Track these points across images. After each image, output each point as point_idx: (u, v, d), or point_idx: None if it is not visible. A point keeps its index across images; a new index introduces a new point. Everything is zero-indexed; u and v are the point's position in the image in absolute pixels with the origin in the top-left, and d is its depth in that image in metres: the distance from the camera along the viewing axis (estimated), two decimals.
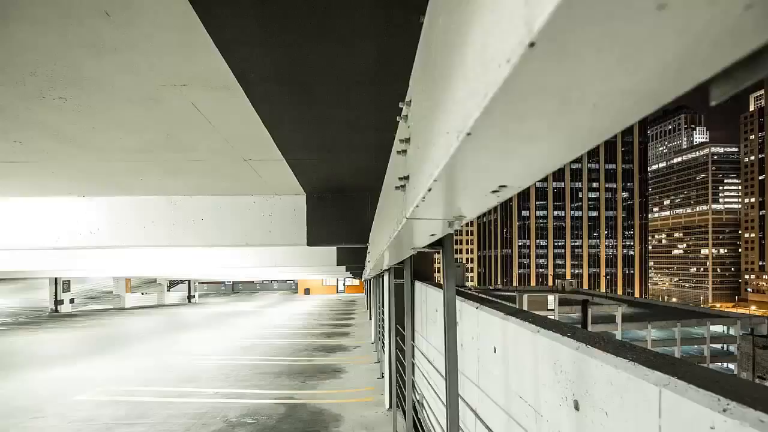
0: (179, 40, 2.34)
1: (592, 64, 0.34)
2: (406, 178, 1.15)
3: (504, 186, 0.74)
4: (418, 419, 5.38)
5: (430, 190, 0.80)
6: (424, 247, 1.85)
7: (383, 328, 8.56)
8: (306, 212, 6.12)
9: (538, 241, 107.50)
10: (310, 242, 6.05)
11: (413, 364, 5.03)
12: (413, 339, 5.81)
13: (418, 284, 5.87)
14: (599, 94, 0.39)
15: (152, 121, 3.45)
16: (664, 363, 1.24)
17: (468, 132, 0.49)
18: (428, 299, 5.12)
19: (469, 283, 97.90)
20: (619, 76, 0.36)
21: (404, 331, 6.07)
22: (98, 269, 15.25)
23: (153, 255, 11.21)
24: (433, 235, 1.42)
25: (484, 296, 3.47)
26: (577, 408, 1.51)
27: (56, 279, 24.96)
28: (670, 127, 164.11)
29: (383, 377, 7.65)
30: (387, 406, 6.33)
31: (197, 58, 2.54)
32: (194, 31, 2.24)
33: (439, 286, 5.34)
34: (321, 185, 6.00)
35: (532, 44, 0.33)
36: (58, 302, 25.39)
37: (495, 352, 2.44)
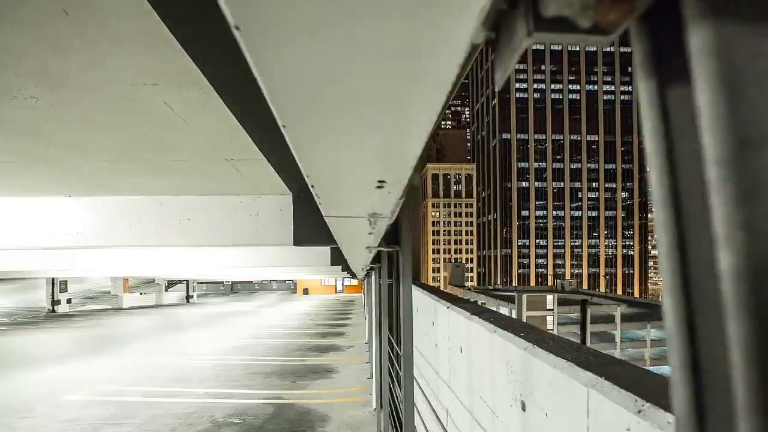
0: (143, 37, 2.32)
1: (316, 48, 0.33)
2: None
3: (384, 181, 0.72)
4: (399, 419, 5.37)
5: (313, 186, 0.79)
6: (379, 246, 1.84)
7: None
8: (292, 212, 6.09)
9: (537, 241, 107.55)
10: (297, 242, 6.02)
11: (391, 360, 5.02)
12: (396, 338, 5.79)
13: None
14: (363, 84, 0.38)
15: (128, 120, 3.42)
16: (600, 363, 1.23)
17: (283, 125, 0.48)
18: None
19: (468, 283, 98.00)
20: (362, 60, 0.35)
21: (389, 330, 6.07)
22: (91, 269, 15.22)
23: (146, 255, 11.18)
24: (370, 233, 1.41)
25: (457, 295, 3.45)
26: (524, 409, 1.50)
27: (53, 279, 24.95)
28: None
29: (373, 377, 7.64)
30: (374, 405, 6.32)
31: (164, 56, 2.52)
32: (157, 28, 2.22)
33: (424, 286, 5.33)
34: (306, 185, 6.01)
35: (237, 27, 0.31)
36: (55, 302, 25.39)
37: (461, 352, 2.43)
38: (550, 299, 55.26)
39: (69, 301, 26.55)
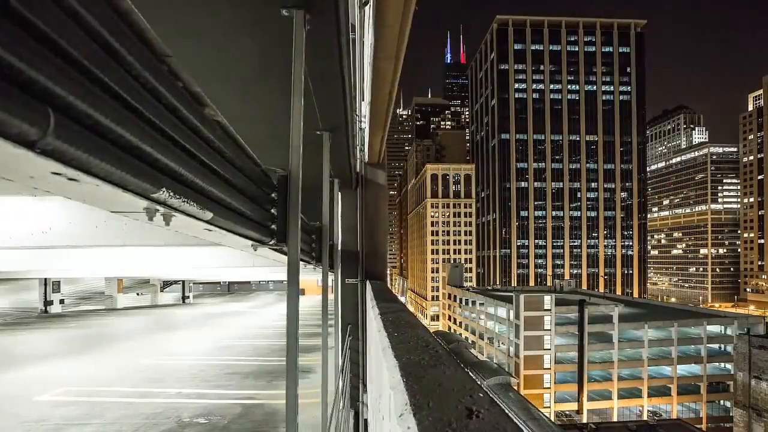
0: None
1: None
2: None
3: (57, 173, 0.69)
4: (364, 418, 5.35)
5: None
6: (266, 244, 1.81)
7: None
8: None
9: (536, 241, 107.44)
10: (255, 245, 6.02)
11: (350, 358, 5.00)
12: (362, 336, 5.76)
13: (368, 284, 5.83)
14: None
15: None
16: (427, 365, 1.19)
17: None
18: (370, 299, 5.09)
19: (467, 284, 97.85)
20: None
21: (358, 330, 6.03)
22: (64, 269, 15.27)
23: (123, 254, 11.15)
24: (207, 230, 1.38)
25: (393, 293, 3.42)
26: (379, 410, 1.46)
27: (45, 280, 24.97)
28: (669, 127, 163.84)
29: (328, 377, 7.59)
30: (341, 405, 6.29)
31: None
32: None
33: (373, 284, 5.30)
34: None
35: None
36: (47, 303, 25.41)
37: (371, 352, 2.39)
38: (548, 300, 54.99)
39: (62, 301, 26.56)
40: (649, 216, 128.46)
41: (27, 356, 11.64)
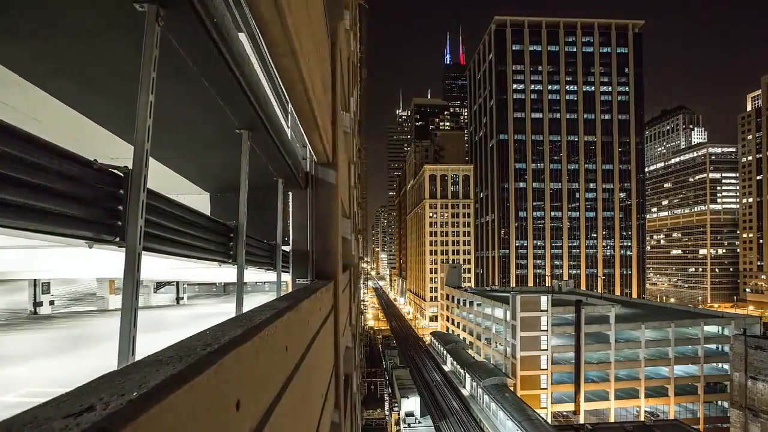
0: None
1: None
2: None
3: None
4: None
5: None
6: (107, 240, 1.80)
7: None
8: (209, 211, 6.06)
9: (535, 241, 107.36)
10: None
11: None
12: None
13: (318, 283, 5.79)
14: None
15: None
16: (157, 362, 1.18)
17: None
18: None
19: (466, 284, 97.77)
20: None
21: None
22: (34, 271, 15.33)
23: (102, 255, 11.16)
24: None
25: (307, 292, 3.42)
26: None
27: (35, 281, 25.02)
28: (668, 127, 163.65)
29: None
30: None
31: None
32: None
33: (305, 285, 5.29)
34: (222, 184, 5.95)
35: None
36: (37, 304, 25.44)
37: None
38: (545, 300, 54.76)
39: (52, 302, 26.60)
40: (648, 216, 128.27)
41: (5, 357, 11.63)
